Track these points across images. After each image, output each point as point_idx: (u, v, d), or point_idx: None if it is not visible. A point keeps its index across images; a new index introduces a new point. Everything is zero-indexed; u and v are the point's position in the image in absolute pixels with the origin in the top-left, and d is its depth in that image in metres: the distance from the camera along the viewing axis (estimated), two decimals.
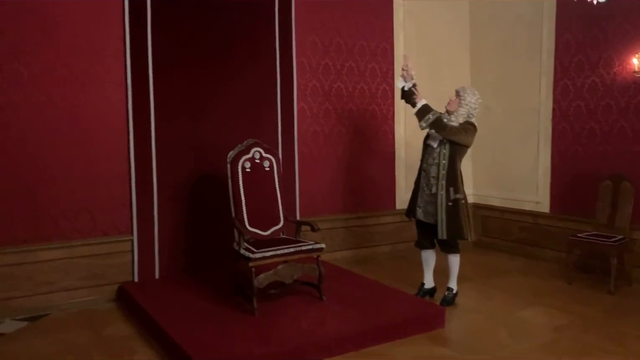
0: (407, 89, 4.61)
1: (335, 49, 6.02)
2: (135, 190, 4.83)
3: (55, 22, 4.48)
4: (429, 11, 6.57)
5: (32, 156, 4.44)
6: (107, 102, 4.72)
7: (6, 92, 4.32)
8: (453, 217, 4.40)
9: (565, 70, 5.77)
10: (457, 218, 4.41)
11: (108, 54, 4.70)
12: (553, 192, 5.99)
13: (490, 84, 6.53)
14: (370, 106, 6.30)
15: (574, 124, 5.73)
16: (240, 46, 5.30)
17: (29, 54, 4.39)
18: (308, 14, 5.75)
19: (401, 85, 4.65)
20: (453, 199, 4.40)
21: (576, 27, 5.63)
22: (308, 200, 5.83)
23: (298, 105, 5.76)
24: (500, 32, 6.46)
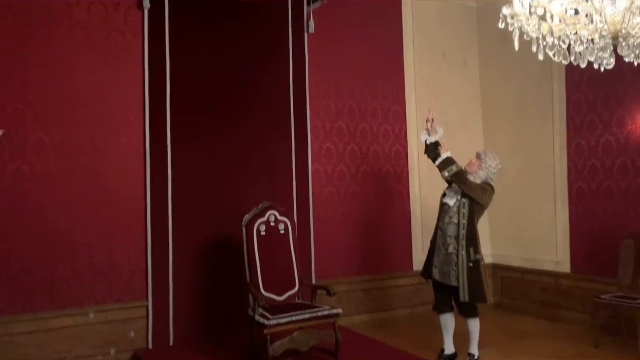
0: (429, 142, 4.61)
1: (348, 111, 6.14)
2: (151, 255, 4.84)
3: (80, 95, 4.67)
4: (439, 73, 6.71)
5: (51, 222, 4.52)
6: (126, 170, 4.83)
7: (30, 160, 4.46)
8: (474, 278, 4.33)
9: (578, 129, 5.80)
10: (478, 280, 4.34)
11: (128, 124, 4.85)
12: (573, 252, 5.88)
13: (504, 143, 6.56)
14: (384, 167, 6.34)
15: (590, 183, 5.70)
16: (256, 111, 5.43)
17: (54, 125, 4.56)
18: (321, 79, 5.91)
19: (424, 138, 4.64)
20: (474, 259, 4.35)
21: (586, 87, 5.70)
22: (323, 262, 5.78)
23: (313, 167, 5.83)
24: (511, 92, 6.55)
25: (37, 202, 4.47)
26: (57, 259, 4.53)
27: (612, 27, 2.53)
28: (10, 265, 4.36)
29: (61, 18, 4.60)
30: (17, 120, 4.41)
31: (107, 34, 4.78)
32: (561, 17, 2.64)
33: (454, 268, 4.37)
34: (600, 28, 2.50)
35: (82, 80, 4.68)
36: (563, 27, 2.65)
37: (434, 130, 4.60)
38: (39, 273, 4.46)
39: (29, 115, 4.47)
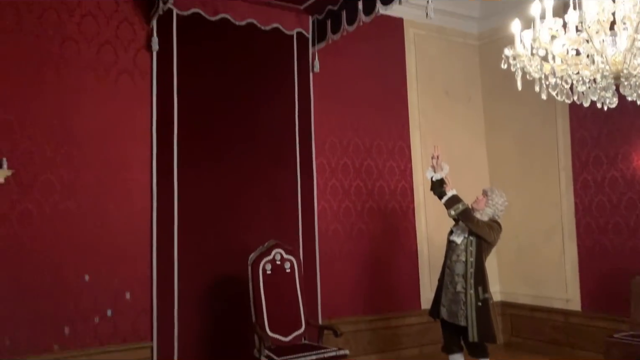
0: (435, 179, 4.61)
1: (353, 148, 6.18)
2: (156, 295, 4.81)
3: (88, 134, 4.73)
4: (443, 110, 6.77)
5: (57, 262, 4.51)
6: (132, 209, 4.85)
7: (38, 201, 4.49)
8: (484, 318, 4.25)
9: (584, 165, 5.80)
10: (487, 319, 4.26)
11: (135, 163, 4.90)
12: (583, 289, 5.79)
13: (510, 179, 6.56)
14: (390, 203, 6.33)
15: (598, 219, 5.66)
16: (263, 149, 5.47)
17: (62, 164, 4.60)
18: (327, 116, 5.97)
19: (430, 175, 4.63)
20: (482, 298, 4.29)
21: (590, 123, 5.73)
22: (330, 300, 5.72)
23: (318, 204, 5.83)
24: (516, 128, 6.59)
25: (44, 242, 4.48)
26: (63, 299, 4.50)
27: (614, 68, 2.57)
28: (17, 306, 4.33)
29: (72, 59, 4.70)
30: (26, 160, 4.46)
31: (117, 75, 4.88)
32: (563, 57, 2.68)
33: (462, 307, 4.30)
34: (601, 68, 2.54)
35: (91, 119, 4.75)
36: (565, 67, 2.69)
37: (439, 167, 4.60)
38: (45, 313, 4.42)
39: (38, 155, 4.52)
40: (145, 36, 4.99)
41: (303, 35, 5.73)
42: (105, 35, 4.85)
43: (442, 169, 4.59)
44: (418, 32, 6.65)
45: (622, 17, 2.44)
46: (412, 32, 6.62)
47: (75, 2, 4.73)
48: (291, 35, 5.67)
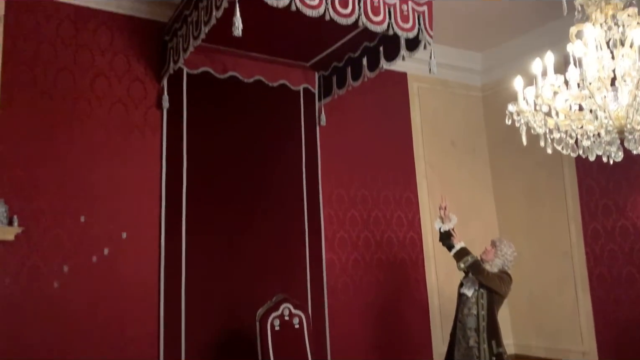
0: (443, 230, 4.60)
1: (361, 200, 6.19)
2: (163, 351, 4.73)
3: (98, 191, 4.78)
4: (449, 161, 6.81)
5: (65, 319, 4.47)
6: (140, 264, 4.83)
7: (47, 256, 4.48)
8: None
9: (593, 214, 5.77)
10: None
11: (144, 218, 4.91)
12: (600, 341, 5.65)
13: (519, 230, 6.52)
14: (400, 254, 6.29)
15: (611, 269, 5.58)
16: (270, 201, 5.49)
17: (71, 220, 4.63)
18: (333, 169, 6.02)
19: (438, 226, 4.63)
20: (496, 353, 4.20)
21: (597, 172, 5.73)
22: (340, 355, 5.58)
23: (326, 256, 5.79)
24: (523, 178, 6.60)
25: (52, 298, 4.46)
26: (69, 354, 4.43)
27: (617, 122, 2.60)
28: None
29: (84, 117, 4.81)
30: (37, 217, 4.50)
31: (128, 132, 4.97)
32: (566, 113, 2.73)
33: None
34: (605, 123, 2.57)
35: (101, 176, 4.81)
36: (569, 122, 2.73)
37: (447, 218, 4.60)
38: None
39: (49, 211, 4.56)
40: (156, 94, 5.12)
41: (309, 90, 5.86)
42: (117, 94, 4.98)
43: (450, 220, 4.59)
44: (422, 85, 6.79)
45: (623, 73, 2.50)
46: (416, 86, 6.76)
47: (89, 63, 4.88)
48: (298, 90, 5.80)
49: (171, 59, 4.87)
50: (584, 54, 2.49)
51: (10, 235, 4.28)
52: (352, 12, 3.98)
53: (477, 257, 4.41)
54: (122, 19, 5.09)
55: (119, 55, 5.04)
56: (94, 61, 4.92)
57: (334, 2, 3.92)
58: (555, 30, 5.57)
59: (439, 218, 4.64)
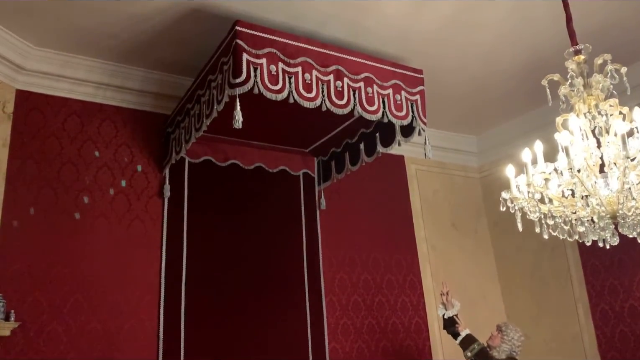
0: (447, 317, 4.51)
1: (363, 284, 6.10)
2: None
3: (97, 283, 4.73)
4: (451, 243, 6.78)
5: None
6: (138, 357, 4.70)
7: (42, 352, 4.37)
8: None
9: (599, 294, 5.66)
10: None
11: (143, 311, 4.83)
12: None
13: (526, 312, 6.36)
14: (405, 341, 6.10)
15: (624, 353, 5.38)
16: (270, 289, 5.40)
17: (70, 314, 4.55)
18: (335, 253, 5.98)
19: (442, 313, 4.56)
20: None
21: (600, 252, 5.66)
22: None
23: (330, 345, 5.62)
24: (526, 260, 6.52)
25: None
26: None
27: (609, 208, 2.62)
28: None
29: (86, 209, 4.86)
30: (35, 311, 4.43)
31: (129, 223, 5.00)
32: (558, 200, 2.76)
33: None
34: (597, 210, 2.59)
35: (101, 266, 4.78)
36: (562, 208, 2.75)
37: (450, 304, 4.54)
38: None
39: (47, 305, 4.50)
40: (157, 184, 5.21)
41: (309, 175, 5.96)
42: (119, 185, 5.07)
43: (453, 305, 4.52)
44: (419, 168, 6.90)
45: (609, 161, 2.55)
46: (413, 168, 6.87)
47: (93, 156, 5.01)
48: (297, 175, 5.90)
49: (173, 149, 5.00)
50: (570, 143, 2.56)
51: (7, 331, 4.20)
52: (347, 102, 4.14)
53: (483, 344, 4.29)
54: (126, 112, 5.28)
55: (122, 147, 5.18)
56: (98, 154, 5.04)
57: (330, 94, 4.09)
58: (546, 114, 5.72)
59: (441, 304, 4.58)
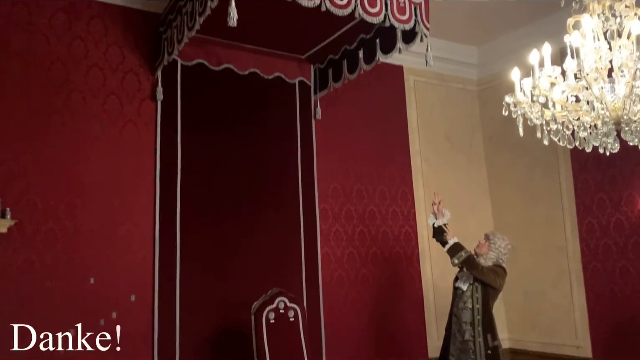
0: (436, 225, 4.59)
1: (356, 194, 6.17)
2: (158, 346, 4.70)
3: (92, 184, 4.74)
4: (445, 157, 6.80)
5: (59, 313, 4.43)
6: (135, 259, 4.80)
7: (40, 250, 4.45)
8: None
9: (588, 209, 5.77)
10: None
11: (138, 212, 4.88)
12: (594, 335, 5.66)
13: (514, 225, 6.52)
14: (395, 249, 6.28)
15: (605, 263, 5.59)
16: (265, 196, 5.46)
17: (65, 214, 4.59)
18: (329, 163, 6.00)
19: (432, 222, 4.64)
20: (492, 346, 4.22)
21: (592, 168, 5.74)
22: (335, 348, 5.58)
23: (322, 250, 5.78)
24: (518, 174, 6.59)
25: (46, 293, 4.42)
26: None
27: (614, 114, 2.59)
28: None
29: (78, 110, 4.76)
30: (30, 210, 4.46)
31: (122, 125, 4.93)
32: (563, 104, 2.71)
33: (471, 356, 4.20)
34: (602, 115, 2.56)
35: (95, 169, 4.77)
36: (565, 114, 2.72)
37: (440, 213, 4.61)
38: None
39: (42, 205, 4.52)
40: (150, 87, 5.08)
41: (305, 83, 5.83)
42: (111, 86, 4.93)
43: (443, 215, 4.59)
44: (418, 79, 6.77)
45: (620, 64, 2.48)
46: (412, 79, 6.74)
47: (82, 55, 4.84)
48: (293, 83, 5.77)
49: (165, 50, 4.83)
50: (581, 45, 2.47)
51: (3, 228, 4.24)
52: (348, 3, 3.95)
53: (470, 251, 4.41)
54: (115, 10, 5.04)
55: (113, 47, 4.99)
56: (87, 53, 4.87)
57: None
58: (551, 24, 5.56)
59: (432, 214, 4.65)
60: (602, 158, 5.57)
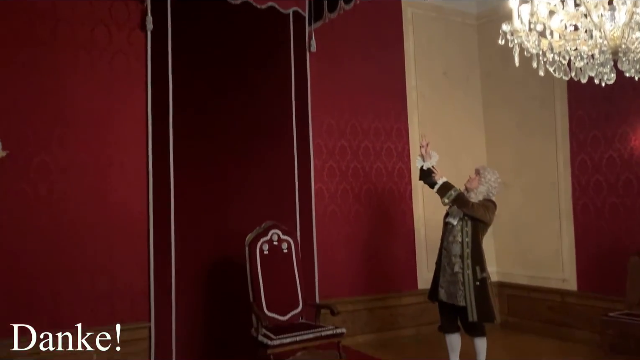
0: (425, 167, 4.56)
1: (351, 130, 6.15)
2: (153, 276, 4.82)
3: (83, 116, 4.69)
4: (441, 92, 6.72)
5: (53, 244, 4.51)
6: (129, 191, 4.83)
7: (33, 181, 4.47)
8: (482, 298, 4.29)
9: (582, 145, 5.78)
10: (486, 299, 4.31)
11: (131, 144, 4.87)
12: (579, 269, 5.81)
13: (508, 161, 6.56)
14: (388, 185, 6.33)
15: (595, 199, 5.66)
16: (259, 130, 5.44)
17: (57, 146, 4.57)
18: (324, 98, 5.93)
19: (420, 164, 4.57)
20: (480, 278, 4.31)
21: (588, 104, 5.70)
22: (327, 281, 5.74)
23: (315, 186, 5.82)
24: (514, 111, 6.55)
25: (40, 223, 4.47)
26: (59, 281, 4.50)
27: (612, 43, 2.53)
28: (13, 287, 4.34)
29: (66, 40, 4.65)
30: (21, 141, 4.43)
31: (111, 56, 4.83)
32: (560, 33, 2.65)
33: (460, 288, 4.31)
34: (600, 43, 2.51)
35: (85, 101, 4.71)
36: (563, 43, 2.66)
37: (428, 155, 4.55)
38: (42, 295, 4.43)
39: (33, 137, 4.49)
40: (139, 15, 4.93)
41: (299, 14, 5.67)
42: (99, 15, 4.79)
43: (431, 157, 4.53)
44: (416, 12, 6.59)
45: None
46: (410, 12, 6.56)
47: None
48: (287, 14, 5.61)
49: None
50: None
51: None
52: None
53: (459, 189, 4.42)
54: None
55: None
56: None
57: None
58: None
59: (419, 156, 4.57)
60: (598, 95, 5.54)
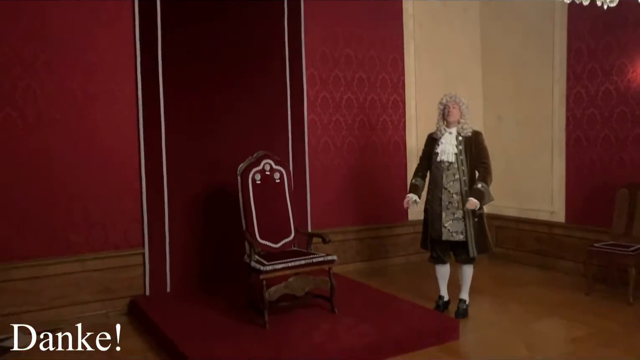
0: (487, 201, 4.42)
1: (345, 60, 6.02)
2: (146, 204, 4.84)
3: (69, 43, 4.56)
4: (439, 22, 6.55)
5: (45, 171, 4.49)
6: (119, 119, 4.77)
7: (20, 107, 4.38)
8: (480, 232, 4.43)
9: (578, 78, 5.71)
10: (483, 233, 4.47)
11: (120, 72, 4.76)
12: (568, 202, 5.90)
13: (503, 94, 6.49)
14: (381, 117, 6.28)
15: (588, 132, 5.65)
16: (251, 60, 5.32)
17: (44, 73, 4.46)
18: (317, 27, 5.77)
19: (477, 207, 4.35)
20: (478, 214, 4.39)
21: (588, 35, 5.57)
22: (320, 212, 5.80)
23: (308, 117, 5.76)
24: (512, 42, 6.41)
25: (30, 150, 4.42)
26: (52, 208, 4.52)
27: None
28: (7, 213, 4.35)
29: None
30: (5, 66, 4.31)
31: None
32: None
33: (461, 224, 4.36)
34: None
35: (72, 28, 4.56)
36: None
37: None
38: (36, 222, 4.46)
39: (17, 61, 4.35)
40: None
41: None
42: None
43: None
44: None
45: None
46: None
47: None
48: None
49: None
50: None
51: None
52: None
53: (482, 182, 4.34)
54: None
55: None
56: None
57: None
58: None
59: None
60: (599, 26, 5.41)
